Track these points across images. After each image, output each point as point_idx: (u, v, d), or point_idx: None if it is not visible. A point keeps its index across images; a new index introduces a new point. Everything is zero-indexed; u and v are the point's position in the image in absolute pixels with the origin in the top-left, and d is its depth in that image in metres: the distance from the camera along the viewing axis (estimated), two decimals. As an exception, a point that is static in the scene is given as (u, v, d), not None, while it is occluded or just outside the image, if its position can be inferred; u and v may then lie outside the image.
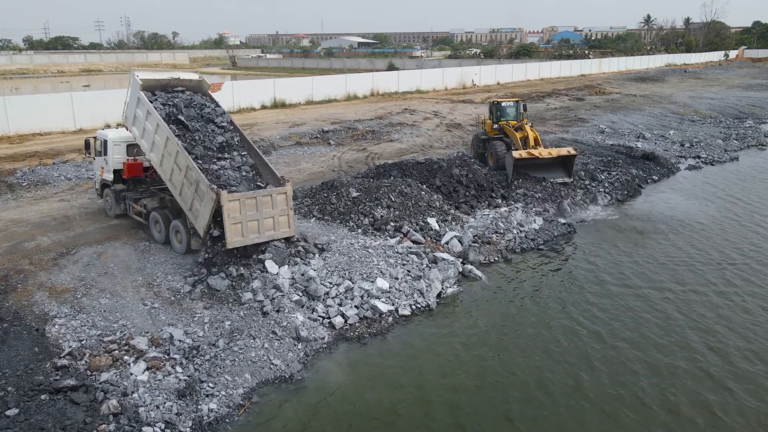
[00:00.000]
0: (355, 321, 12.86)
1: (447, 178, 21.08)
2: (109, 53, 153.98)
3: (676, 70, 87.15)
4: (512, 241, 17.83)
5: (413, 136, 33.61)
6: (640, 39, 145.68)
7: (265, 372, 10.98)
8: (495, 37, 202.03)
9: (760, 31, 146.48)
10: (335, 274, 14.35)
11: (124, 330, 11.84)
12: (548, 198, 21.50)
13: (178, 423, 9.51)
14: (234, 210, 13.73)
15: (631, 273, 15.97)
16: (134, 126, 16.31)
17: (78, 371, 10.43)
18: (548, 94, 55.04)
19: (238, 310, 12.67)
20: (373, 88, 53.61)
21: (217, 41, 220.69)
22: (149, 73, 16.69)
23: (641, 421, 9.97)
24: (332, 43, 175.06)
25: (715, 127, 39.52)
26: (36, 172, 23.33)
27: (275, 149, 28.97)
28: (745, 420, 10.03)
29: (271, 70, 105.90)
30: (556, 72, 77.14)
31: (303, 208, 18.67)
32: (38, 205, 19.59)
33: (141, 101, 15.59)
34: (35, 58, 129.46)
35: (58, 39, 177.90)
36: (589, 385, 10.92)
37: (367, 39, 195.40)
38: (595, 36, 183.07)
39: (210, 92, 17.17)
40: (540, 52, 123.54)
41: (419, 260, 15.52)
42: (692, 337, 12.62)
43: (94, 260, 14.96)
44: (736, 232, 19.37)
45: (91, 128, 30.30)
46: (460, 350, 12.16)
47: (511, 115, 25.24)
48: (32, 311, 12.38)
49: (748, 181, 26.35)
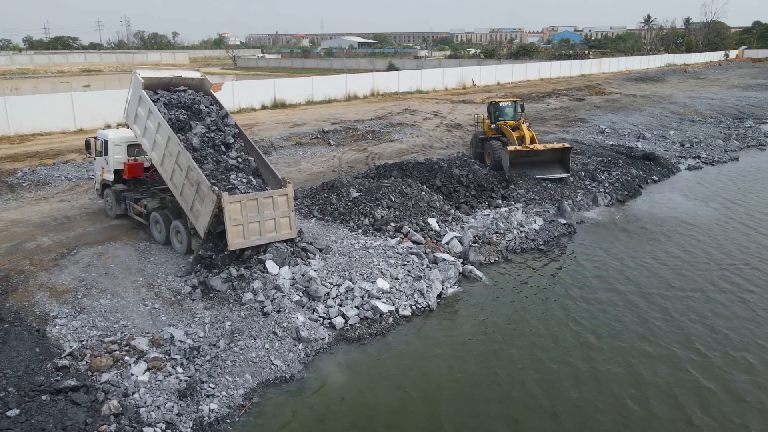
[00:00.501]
0: (355, 321, 12.86)
1: (447, 179, 21.09)
2: (109, 53, 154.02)
3: (676, 70, 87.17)
4: (512, 242, 17.83)
5: (413, 137, 33.62)
6: (640, 39, 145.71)
7: (266, 372, 10.98)
8: (495, 37, 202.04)
9: (760, 31, 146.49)
10: (336, 274, 14.35)
11: (125, 330, 11.85)
12: (548, 198, 21.51)
13: (179, 423, 9.52)
14: (235, 212, 13.72)
15: (631, 273, 15.97)
16: (135, 124, 16.29)
17: (79, 372, 10.44)
18: (548, 94, 55.05)
19: (239, 311, 12.68)
20: (373, 88, 53.62)
21: (217, 41, 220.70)
22: (151, 71, 16.64)
23: (643, 422, 9.98)
24: (332, 43, 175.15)
25: (715, 128, 39.53)
26: (36, 173, 23.34)
27: (275, 149, 28.98)
28: (743, 415, 10.04)
29: (271, 70, 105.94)
30: (556, 72, 77.16)
31: (303, 209, 18.67)
32: (39, 206, 19.60)
33: (143, 100, 15.55)
34: (35, 58, 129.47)
35: (58, 39, 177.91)
36: (590, 385, 10.92)
37: (367, 39, 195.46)
38: (595, 36, 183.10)
39: (212, 91, 17.16)
40: (540, 52, 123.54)
41: (419, 260, 15.53)
42: (693, 337, 12.62)
43: (94, 261, 14.97)
44: (736, 233, 19.37)
45: (91, 128, 30.30)
46: (460, 350, 12.16)
47: (509, 115, 25.47)
48: (33, 312, 12.39)
49: (748, 182, 26.34)
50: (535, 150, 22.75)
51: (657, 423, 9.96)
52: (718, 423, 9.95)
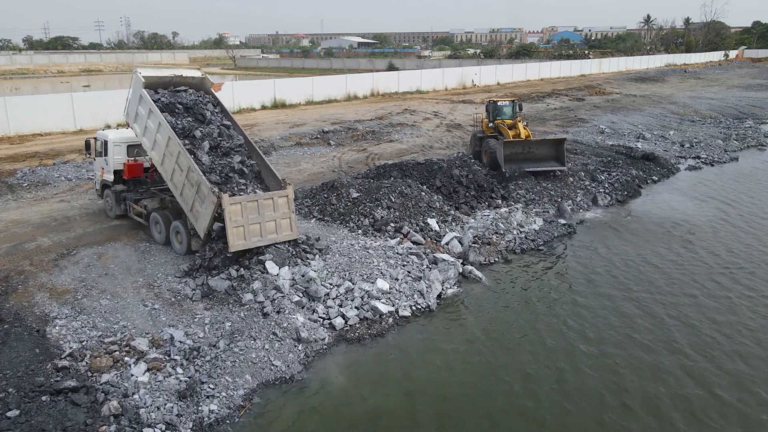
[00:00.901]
0: (355, 322, 12.87)
1: (447, 179, 21.09)
2: (109, 53, 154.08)
3: (676, 70, 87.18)
4: (512, 242, 17.83)
5: (413, 137, 33.62)
6: (640, 39, 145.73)
7: (266, 373, 10.99)
8: (495, 37, 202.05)
9: (760, 31, 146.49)
10: (335, 275, 14.35)
11: (125, 331, 11.85)
12: (548, 199, 21.52)
13: (179, 424, 9.52)
14: (236, 213, 13.72)
15: (631, 274, 15.97)
16: (136, 123, 16.25)
17: (79, 372, 10.44)
18: (548, 95, 55.06)
19: (239, 311, 12.68)
20: (373, 88, 53.62)
21: (216, 41, 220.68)
22: (152, 69, 16.59)
23: (648, 423, 9.98)
24: (332, 43, 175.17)
25: (715, 128, 39.53)
26: (36, 173, 23.34)
27: (275, 150, 28.98)
28: (725, 421, 10.03)
29: (271, 70, 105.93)
30: (556, 72, 77.16)
31: (303, 209, 18.68)
32: (39, 206, 19.60)
33: (143, 99, 15.50)
34: (35, 58, 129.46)
35: (58, 39, 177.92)
36: (590, 385, 10.93)
37: (367, 39, 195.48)
38: (594, 36, 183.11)
39: (213, 90, 17.13)
40: (540, 52, 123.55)
41: (419, 261, 15.53)
42: (694, 338, 12.63)
43: (94, 261, 14.97)
44: (734, 234, 19.38)
45: (91, 129, 30.31)
46: (460, 351, 12.17)
47: (507, 114, 25.66)
48: (33, 312, 12.39)
49: (748, 182, 26.34)
50: (529, 141, 23.21)
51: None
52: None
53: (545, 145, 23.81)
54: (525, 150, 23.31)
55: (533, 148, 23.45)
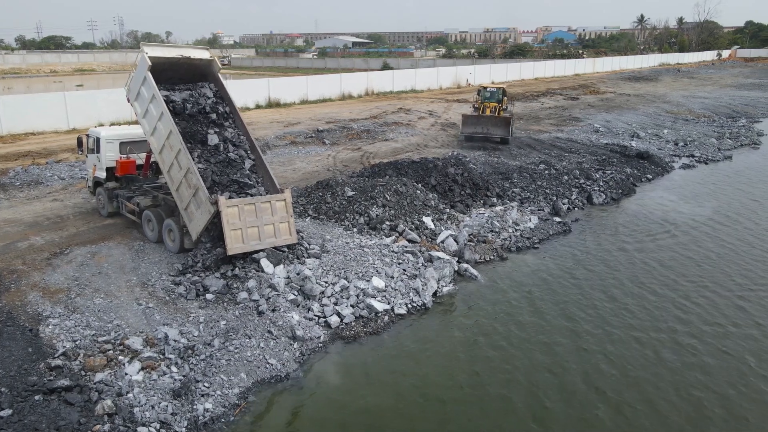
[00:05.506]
0: (350, 320, 12.82)
1: (442, 177, 21.07)
2: (102, 53, 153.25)
3: (669, 70, 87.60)
4: (508, 240, 17.83)
5: (408, 136, 33.62)
6: (633, 39, 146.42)
7: (261, 371, 10.93)
8: (489, 36, 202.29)
9: (753, 30, 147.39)
10: (331, 273, 14.30)
11: (119, 330, 11.77)
12: (544, 197, 21.55)
13: (174, 423, 9.45)
14: (233, 216, 13.63)
15: (626, 272, 16.00)
16: (137, 102, 15.76)
17: (72, 371, 10.35)
18: (543, 94, 55.20)
19: (234, 310, 12.62)
20: (367, 87, 53.57)
21: (210, 41, 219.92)
22: (159, 48, 15.72)
23: (649, 422, 9.99)
24: (326, 43, 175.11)
25: (708, 126, 39.70)
26: (29, 172, 23.18)
27: (270, 149, 28.91)
28: (725, 422, 10.06)
29: (265, 70, 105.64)
30: (550, 71, 77.38)
31: (298, 208, 18.61)
32: (31, 205, 19.46)
33: (147, 81, 15.00)
34: (28, 58, 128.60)
35: (51, 39, 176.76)
36: (589, 381, 10.93)
37: (362, 39, 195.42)
38: (588, 36, 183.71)
39: (219, 76, 16.64)
40: (534, 52, 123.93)
41: (415, 259, 15.51)
42: (695, 338, 12.66)
43: (87, 260, 14.87)
44: (730, 232, 19.45)
45: (84, 128, 30.01)
46: (456, 349, 12.14)
47: (494, 98, 32.58)
48: (26, 311, 12.29)
49: (742, 180, 26.46)
50: (484, 116, 30.51)
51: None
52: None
53: (497, 121, 30.20)
54: (482, 123, 30.26)
55: (489, 123, 30.19)
